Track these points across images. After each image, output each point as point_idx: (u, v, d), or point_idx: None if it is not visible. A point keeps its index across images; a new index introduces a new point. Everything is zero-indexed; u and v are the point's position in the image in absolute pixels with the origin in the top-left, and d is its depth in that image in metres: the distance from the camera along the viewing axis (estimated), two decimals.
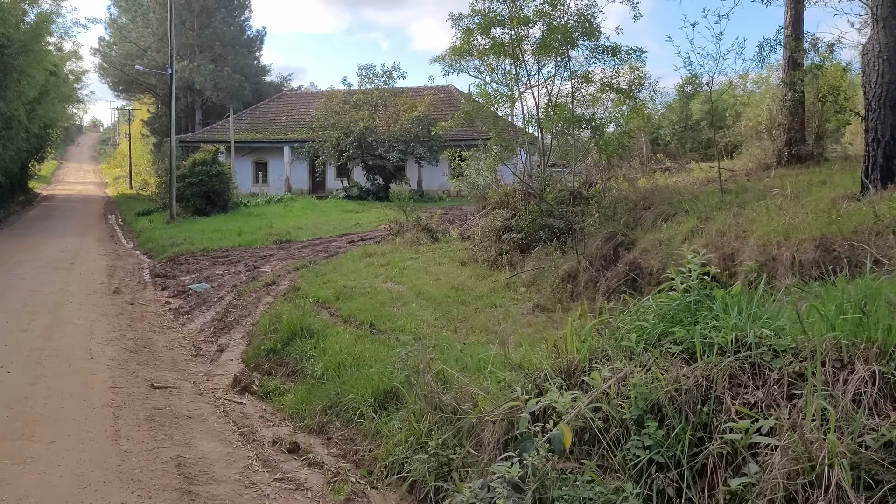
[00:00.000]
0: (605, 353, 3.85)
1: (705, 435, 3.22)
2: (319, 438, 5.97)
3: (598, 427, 3.36)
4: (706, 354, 3.41)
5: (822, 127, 15.06)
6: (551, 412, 3.47)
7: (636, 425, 3.35)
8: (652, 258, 9.60)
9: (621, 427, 3.38)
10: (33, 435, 5.71)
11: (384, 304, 10.78)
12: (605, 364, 3.74)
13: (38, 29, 27.89)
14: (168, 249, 18.56)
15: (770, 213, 8.60)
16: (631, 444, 3.28)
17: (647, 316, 3.86)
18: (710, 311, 3.71)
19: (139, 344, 9.28)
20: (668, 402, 3.32)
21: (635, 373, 3.41)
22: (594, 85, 14.58)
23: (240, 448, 5.74)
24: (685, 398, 3.30)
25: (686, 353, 3.56)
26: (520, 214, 14.31)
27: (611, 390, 3.45)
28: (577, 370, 3.80)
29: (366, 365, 6.86)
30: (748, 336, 3.36)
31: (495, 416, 3.98)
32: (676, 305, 3.83)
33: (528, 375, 3.94)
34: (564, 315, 10.24)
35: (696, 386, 3.31)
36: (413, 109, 32.93)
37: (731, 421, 3.12)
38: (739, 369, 3.30)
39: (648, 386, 3.37)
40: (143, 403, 6.71)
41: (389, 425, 5.42)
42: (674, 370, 3.43)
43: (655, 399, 3.35)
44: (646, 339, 3.74)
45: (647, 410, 3.34)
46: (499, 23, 15.05)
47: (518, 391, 3.68)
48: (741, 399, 3.20)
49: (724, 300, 3.73)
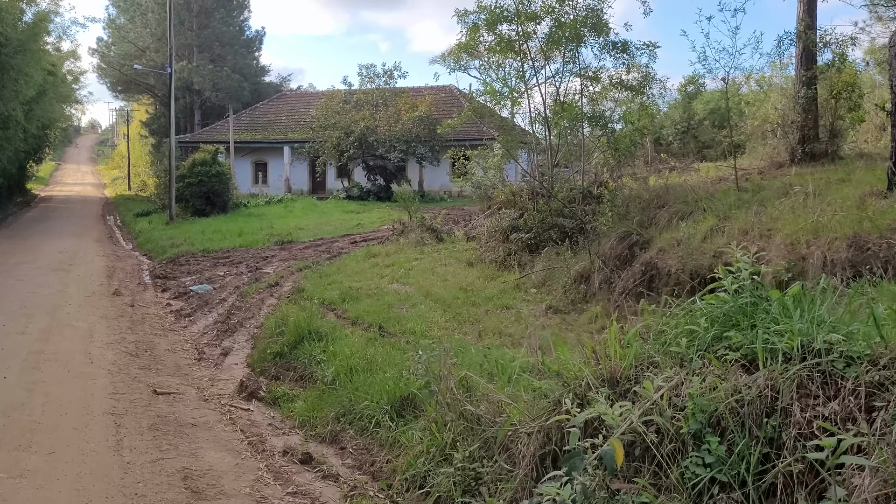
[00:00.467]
0: (651, 360, 3.55)
1: (772, 451, 2.93)
2: (333, 448, 5.66)
3: (651, 441, 3.06)
4: (769, 362, 3.11)
5: (836, 124, 14.76)
6: (599, 425, 3.17)
7: (693, 440, 3.05)
8: (670, 258, 9.31)
9: (677, 441, 3.08)
10: (31, 445, 5.39)
11: (392, 305, 10.49)
12: (653, 372, 3.44)
13: (36, 28, 27.58)
14: (168, 250, 18.25)
15: (795, 212, 8.32)
16: (689, 460, 2.97)
17: (697, 319, 3.56)
18: (766, 313, 3.41)
19: (140, 347, 8.97)
20: (729, 414, 3.02)
21: (693, 382, 3.11)
22: (602, 82, 14.32)
23: (249, 459, 5.43)
24: (748, 410, 3.00)
25: (745, 360, 3.25)
26: (528, 214, 14.01)
27: (663, 401, 3.15)
28: (622, 378, 3.50)
29: (379, 370, 6.54)
30: (815, 342, 3.06)
31: (530, 427, 3.67)
32: (729, 308, 3.53)
33: (566, 384, 3.64)
34: (579, 317, 9.98)
35: (759, 397, 3.01)
36: (414, 109, 32.63)
37: (802, 436, 2.83)
38: (808, 378, 3.00)
39: (706, 396, 3.07)
40: (146, 410, 6.40)
41: (408, 434, 5.11)
42: (733, 379, 3.12)
43: (714, 411, 3.05)
44: (697, 344, 3.44)
45: (705, 423, 3.03)
46: (506, 19, 14.77)
47: (564, 402, 3.36)
48: (812, 411, 2.90)
49: (781, 302, 3.44)
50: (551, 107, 14.51)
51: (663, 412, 3.12)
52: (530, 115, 15.60)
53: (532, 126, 16.00)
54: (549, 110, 14.49)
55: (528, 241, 13.40)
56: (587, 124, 13.99)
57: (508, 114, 16.12)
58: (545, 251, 12.79)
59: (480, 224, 16.91)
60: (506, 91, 15.28)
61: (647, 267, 9.74)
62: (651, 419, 3.13)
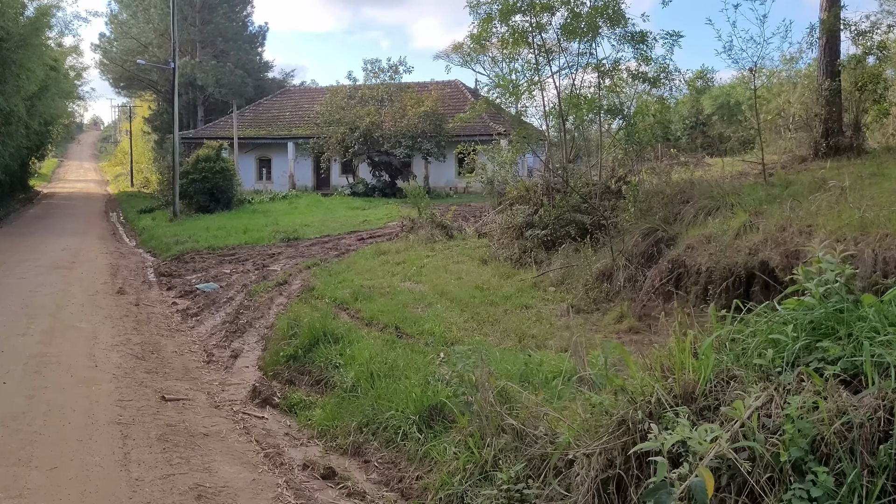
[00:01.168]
0: (730, 374, 3.14)
1: (888, 483, 2.52)
2: (356, 461, 5.26)
3: (745, 470, 2.65)
4: (877, 378, 2.71)
5: (860, 117, 14.32)
6: (681, 451, 2.77)
7: (792, 468, 2.65)
8: (699, 255, 8.89)
9: (774, 470, 2.67)
10: (31, 460, 4.99)
11: (406, 305, 10.10)
12: (732, 387, 3.04)
13: (38, 22, 27.20)
14: (172, 248, 17.86)
15: (834, 207, 7.89)
16: (791, 494, 2.57)
17: (782, 327, 3.14)
18: (862, 321, 3.00)
19: (146, 349, 8.58)
20: (835, 439, 2.61)
21: (791, 403, 2.70)
22: (620, 73, 13.88)
23: (266, 473, 5.02)
24: (857, 434, 2.60)
25: (847, 375, 2.85)
26: (543, 210, 13.60)
27: (753, 422, 2.75)
28: (699, 395, 3.09)
29: (402, 376, 6.14)
30: None
31: (589, 448, 3.27)
32: (819, 315, 3.12)
33: (632, 400, 3.23)
34: (603, 317, 9.56)
35: (869, 420, 2.61)
36: (420, 104, 32.18)
37: None
38: None
39: (807, 418, 2.66)
40: (154, 419, 6.00)
41: (440, 448, 4.70)
42: (835, 398, 2.72)
43: (816, 435, 2.65)
44: (784, 356, 3.03)
45: (808, 450, 2.63)
46: (520, 9, 14.34)
47: (632, 421, 2.96)
48: None
49: (879, 308, 3.03)
50: (566, 99, 14.08)
51: (753, 435, 2.71)
52: (544, 109, 15.18)
53: (546, 120, 15.58)
54: (564, 103, 14.06)
55: (544, 238, 13.00)
56: (605, 117, 13.54)
57: (521, 107, 15.68)
58: (562, 248, 12.38)
59: (492, 220, 16.49)
60: (520, 83, 14.86)
61: (674, 265, 9.32)
62: (739, 443, 2.71)
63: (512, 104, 15.97)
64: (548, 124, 15.69)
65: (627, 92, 14.22)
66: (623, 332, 8.59)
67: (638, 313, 9.13)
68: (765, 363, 3.04)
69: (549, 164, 14.65)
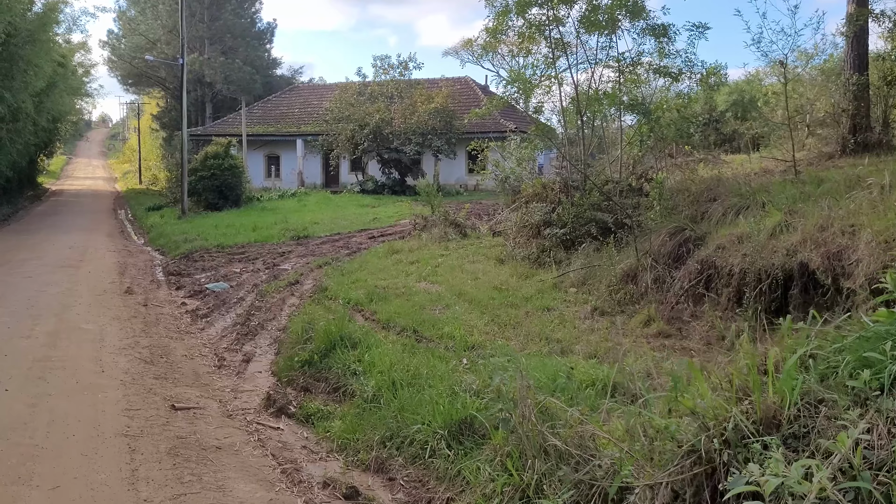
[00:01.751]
0: (818, 398, 2.77)
1: None
2: (379, 479, 4.89)
3: None
4: None
5: (889, 113, 13.87)
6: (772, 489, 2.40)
7: None
8: (731, 256, 8.48)
9: None
10: (31, 477, 4.65)
11: (423, 306, 9.73)
12: (820, 412, 2.67)
13: (46, 18, 26.97)
14: (181, 246, 17.56)
15: (877, 206, 7.48)
16: None
17: (877, 344, 2.77)
18: None
19: (155, 353, 8.25)
20: None
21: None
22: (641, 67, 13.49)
23: (284, 492, 4.67)
24: None
25: None
26: (561, 208, 13.20)
27: (857, 458, 2.38)
28: (785, 421, 2.72)
29: (425, 384, 5.78)
30: None
31: (653, 478, 2.90)
32: None
33: (704, 426, 2.86)
34: (629, 320, 9.17)
35: None
36: (430, 101, 31.79)
37: None
38: None
39: None
40: (164, 430, 5.66)
41: (472, 467, 4.34)
42: None
43: None
44: (882, 379, 2.66)
45: None
46: (536, 2, 13.95)
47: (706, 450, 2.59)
48: None
49: None
50: (584, 94, 13.68)
51: (858, 472, 2.34)
52: (561, 104, 14.79)
53: (562, 116, 15.18)
54: (583, 98, 13.66)
55: (563, 237, 12.59)
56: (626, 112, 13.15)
57: (538, 103, 15.29)
58: (582, 248, 11.98)
59: (506, 218, 16.10)
60: (536, 78, 14.48)
61: (703, 265, 8.92)
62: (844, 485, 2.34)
63: (526, 99, 15.59)
64: (564, 120, 15.30)
65: (648, 87, 13.86)
66: (652, 336, 8.19)
67: (667, 316, 8.74)
68: (859, 385, 2.67)
69: (567, 160, 14.24)
